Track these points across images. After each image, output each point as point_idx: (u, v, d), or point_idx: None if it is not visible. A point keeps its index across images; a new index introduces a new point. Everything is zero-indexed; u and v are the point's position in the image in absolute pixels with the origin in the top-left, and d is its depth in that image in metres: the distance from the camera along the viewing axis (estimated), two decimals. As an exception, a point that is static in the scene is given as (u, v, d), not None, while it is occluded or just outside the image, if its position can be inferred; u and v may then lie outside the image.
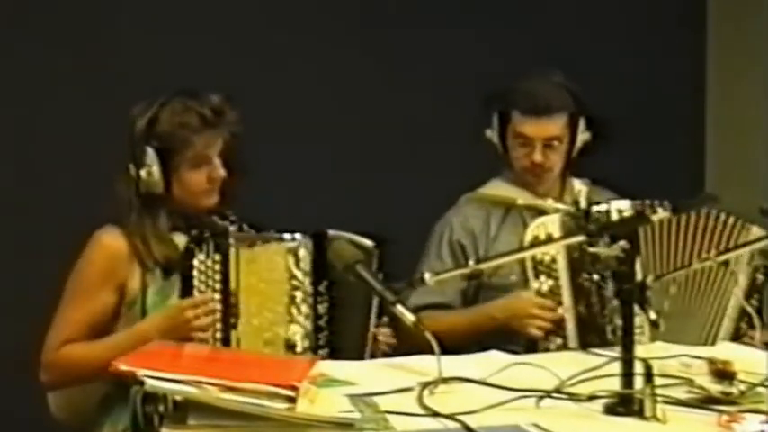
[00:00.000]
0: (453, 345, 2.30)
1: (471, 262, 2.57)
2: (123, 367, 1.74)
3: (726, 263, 2.60)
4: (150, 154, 2.41)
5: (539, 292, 2.66)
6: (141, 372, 1.72)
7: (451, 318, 2.70)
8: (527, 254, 2.67)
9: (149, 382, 1.70)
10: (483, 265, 2.56)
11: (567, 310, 2.66)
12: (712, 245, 2.63)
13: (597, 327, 2.65)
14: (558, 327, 2.65)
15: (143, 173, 2.42)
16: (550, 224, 2.69)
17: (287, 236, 2.46)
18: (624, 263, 1.96)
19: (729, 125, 4.04)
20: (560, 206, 2.76)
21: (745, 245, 2.63)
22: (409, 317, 2.17)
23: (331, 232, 2.46)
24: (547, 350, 2.64)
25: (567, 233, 2.66)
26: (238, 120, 2.48)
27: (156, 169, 2.41)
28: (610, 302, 2.64)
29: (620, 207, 2.68)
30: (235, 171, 2.48)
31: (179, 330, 2.32)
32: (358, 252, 2.33)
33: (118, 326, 2.45)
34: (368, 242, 2.44)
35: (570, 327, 2.66)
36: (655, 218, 2.26)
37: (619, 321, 2.58)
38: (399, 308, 2.18)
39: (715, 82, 4.07)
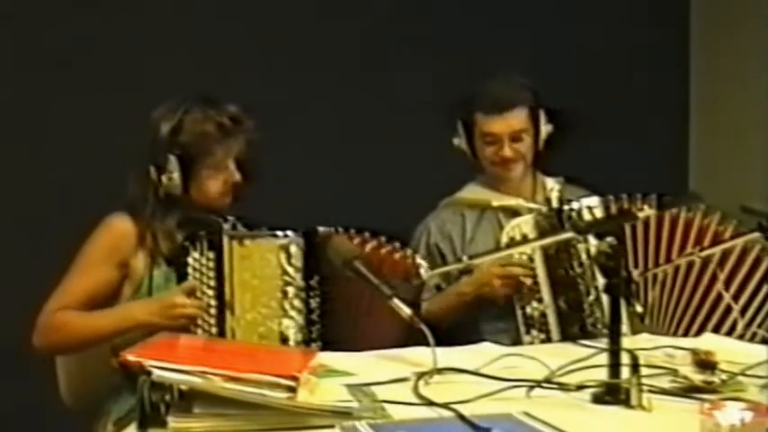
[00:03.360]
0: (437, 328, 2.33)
1: (465, 258, 2.65)
2: (131, 358, 1.77)
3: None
4: (173, 161, 2.49)
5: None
6: (149, 362, 1.75)
7: (427, 305, 2.71)
8: (524, 249, 2.71)
9: (156, 372, 1.73)
10: (476, 261, 2.63)
11: (547, 306, 2.73)
12: (689, 241, 2.69)
13: (577, 319, 2.71)
14: (534, 292, 2.71)
15: (164, 178, 2.50)
16: (524, 225, 2.75)
17: (279, 233, 2.52)
18: (612, 258, 2.01)
19: (713, 124, 4.06)
20: (533, 205, 2.82)
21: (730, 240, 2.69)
22: (405, 310, 2.22)
23: (322, 229, 2.52)
24: (531, 344, 2.68)
25: (541, 232, 2.72)
26: (254, 127, 2.57)
27: (176, 175, 2.49)
28: (588, 295, 2.70)
29: (590, 204, 2.73)
30: (248, 176, 2.56)
31: (166, 314, 2.38)
32: (356, 248, 2.38)
33: None
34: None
35: (552, 321, 2.71)
36: (641, 215, 2.30)
37: (598, 313, 2.67)
38: (396, 302, 2.24)
39: (699, 82, 4.10)
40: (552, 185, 2.90)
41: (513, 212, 2.84)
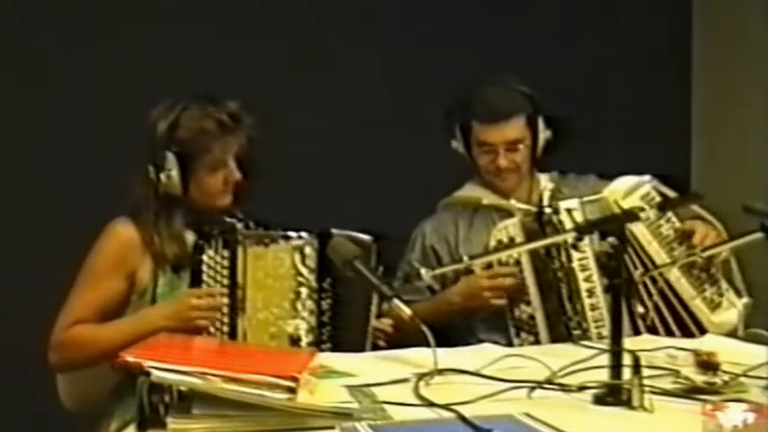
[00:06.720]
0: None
1: (466, 258, 2.64)
2: (130, 359, 1.77)
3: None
4: (170, 158, 2.47)
5: None
6: (147, 363, 1.75)
7: (417, 308, 2.73)
8: (525, 248, 2.71)
9: (155, 373, 1.73)
10: (477, 261, 2.62)
11: (535, 309, 2.72)
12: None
13: (565, 321, 2.70)
14: (521, 293, 2.71)
15: (163, 176, 2.48)
16: (512, 227, 2.74)
17: (293, 234, 2.51)
18: (613, 258, 2.01)
19: (715, 125, 4.07)
20: (523, 206, 2.81)
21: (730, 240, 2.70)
22: (406, 311, 2.23)
23: (335, 231, 2.51)
24: (521, 346, 2.67)
25: (527, 234, 2.71)
26: (255, 125, 2.55)
27: (175, 173, 2.48)
28: (576, 297, 2.69)
29: (570, 206, 2.73)
30: (249, 174, 2.55)
31: (182, 317, 2.38)
32: (356, 248, 2.38)
33: (128, 314, 2.51)
34: (366, 237, 2.50)
35: (540, 323, 2.71)
36: (643, 215, 2.30)
37: (589, 314, 2.67)
38: (396, 302, 2.25)
39: (701, 82, 4.11)
40: (545, 184, 2.89)
41: (508, 212, 2.83)
